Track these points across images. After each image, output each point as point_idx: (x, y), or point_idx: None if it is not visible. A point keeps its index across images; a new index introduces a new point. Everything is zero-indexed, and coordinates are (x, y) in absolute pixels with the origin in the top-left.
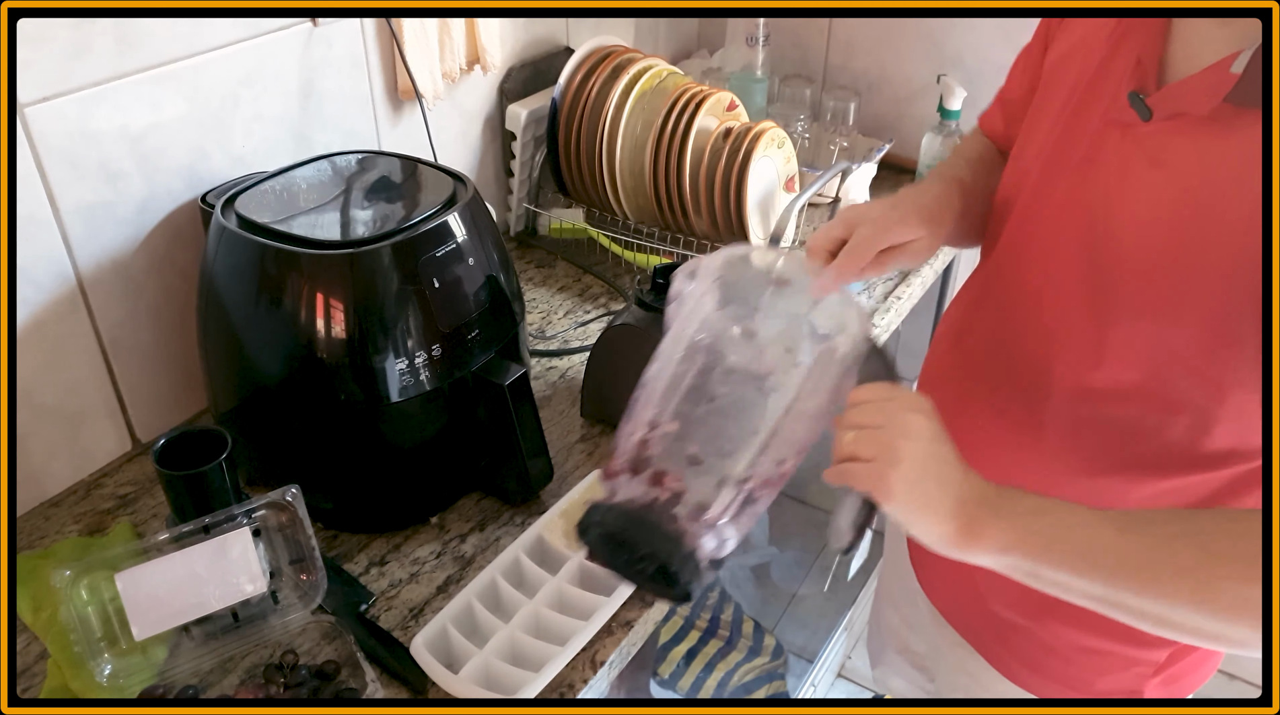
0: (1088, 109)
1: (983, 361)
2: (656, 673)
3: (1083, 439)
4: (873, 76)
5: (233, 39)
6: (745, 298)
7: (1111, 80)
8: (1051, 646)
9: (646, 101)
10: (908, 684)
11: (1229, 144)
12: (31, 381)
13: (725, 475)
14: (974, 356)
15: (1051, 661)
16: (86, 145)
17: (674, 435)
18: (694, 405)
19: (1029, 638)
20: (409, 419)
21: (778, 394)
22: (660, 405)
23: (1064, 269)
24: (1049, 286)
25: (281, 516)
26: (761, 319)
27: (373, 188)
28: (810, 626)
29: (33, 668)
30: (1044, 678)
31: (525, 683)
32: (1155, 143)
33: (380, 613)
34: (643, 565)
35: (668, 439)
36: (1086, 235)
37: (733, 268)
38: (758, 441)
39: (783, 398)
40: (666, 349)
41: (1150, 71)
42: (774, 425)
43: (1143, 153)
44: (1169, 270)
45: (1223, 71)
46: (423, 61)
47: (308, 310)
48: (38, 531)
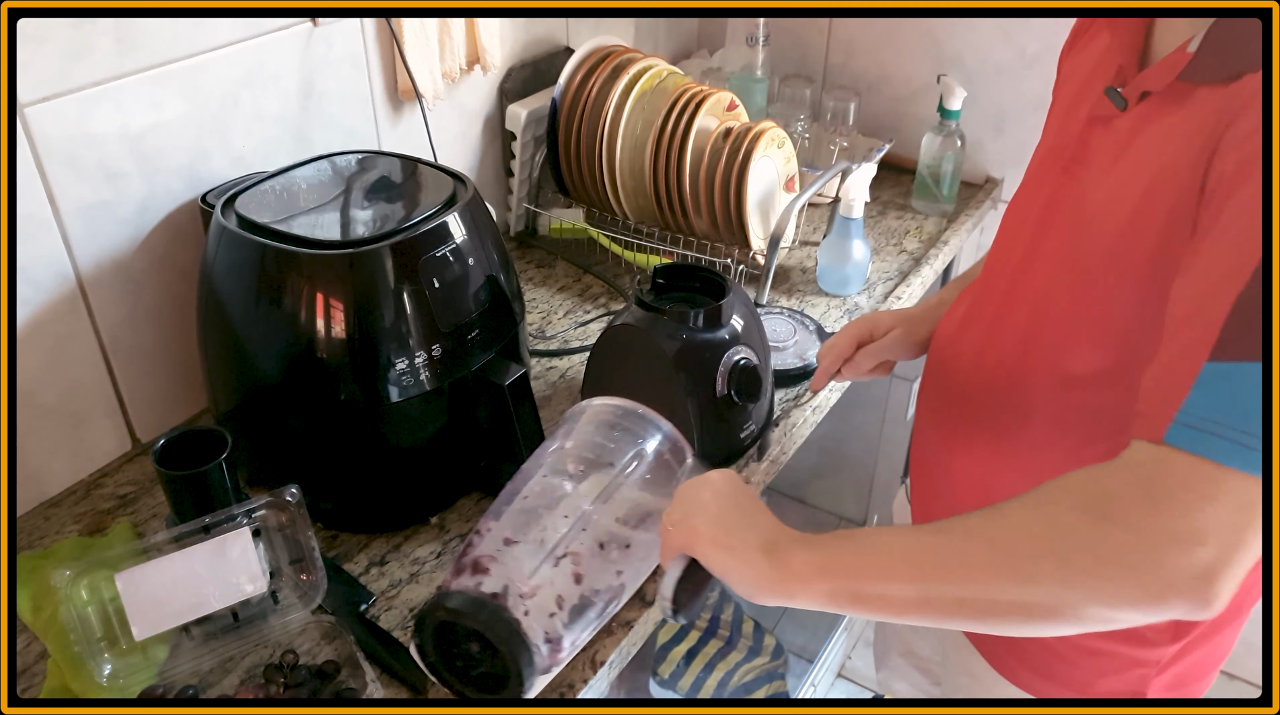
0: (1077, 110)
1: (973, 360)
2: (656, 673)
3: (1068, 426)
4: (873, 76)
5: (233, 39)
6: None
7: (1098, 83)
8: (1053, 649)
9: (646, 101)
10: (911, 687)
11: (1182, 116)
12: (31, 381)
13: (540, 548)
14: (968, 353)
15: (1054, 664)
16: (86, 145)
17: (492, 531)
18: (509, 504)
19: (1031, 640)
20: (409, 419)
21: (588, 482)
22: (484, 520)
23: (1048, 261)
24: (1034, 276)
25: (281, 516)
26: (583, 444)
27: (373, 188)
28: (810, 626)
29: (33, 668)
30: (1047, 680)
31: None
32: (1127, 130)
33: (380, 613)
34: (470, 661)
35: (487, 535)
36: (1070, 224)
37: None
38: (568, 522)
39: (593, 486)
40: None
41: (1130, 73)
42: (586, 508)
43: (1117, 142)
44: (1132, 246)
45: (1180, 52)
46: (423, 61)
47: (308, 310)
48: (38, 531)
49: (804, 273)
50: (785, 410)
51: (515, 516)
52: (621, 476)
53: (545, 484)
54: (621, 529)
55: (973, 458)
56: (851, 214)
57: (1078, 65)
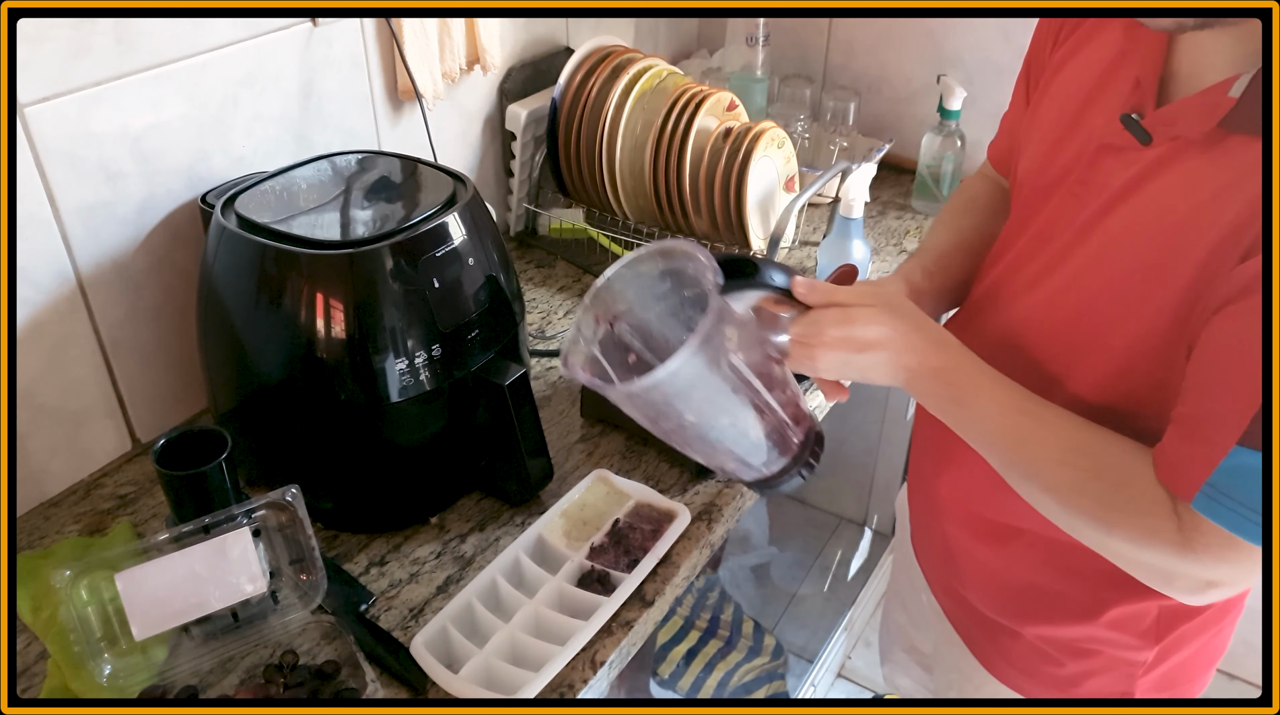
0: (1081, 128)
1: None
2: (656, 673)
3: None
4: (873, 76)
5: (233, 39)
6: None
7: (1107, 101)
8: (1039, 649)
9: (646, 101)
10: (914, 683)
11: (1217, 165)
12: (31, 381)
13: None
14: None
15: (1040, 663)
16: (86, 145)
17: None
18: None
19: (1016, 640)
20: (409, 419)
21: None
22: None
23: (1051, 285)
24: (1037, 294)
25: (281, 516)
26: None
27: (373, 188)
28: (810, 626)
29: (33, 668)
30: (1032, 679)
31: (525, 683)
32: (1146, 163)
33: (380, 613)
34: None
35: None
36: (1076, 250)
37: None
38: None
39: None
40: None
41: (1148, 92)
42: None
43: (1134, 173)
44: (1152, 288)
45: (1220, 94)
46: (423, 61)
47: (308, 310)
48: (38, 531)
49: (804, 273)
50: None
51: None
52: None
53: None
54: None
55: (971, 459)
56: (851, 214)
57: (1081, 66)
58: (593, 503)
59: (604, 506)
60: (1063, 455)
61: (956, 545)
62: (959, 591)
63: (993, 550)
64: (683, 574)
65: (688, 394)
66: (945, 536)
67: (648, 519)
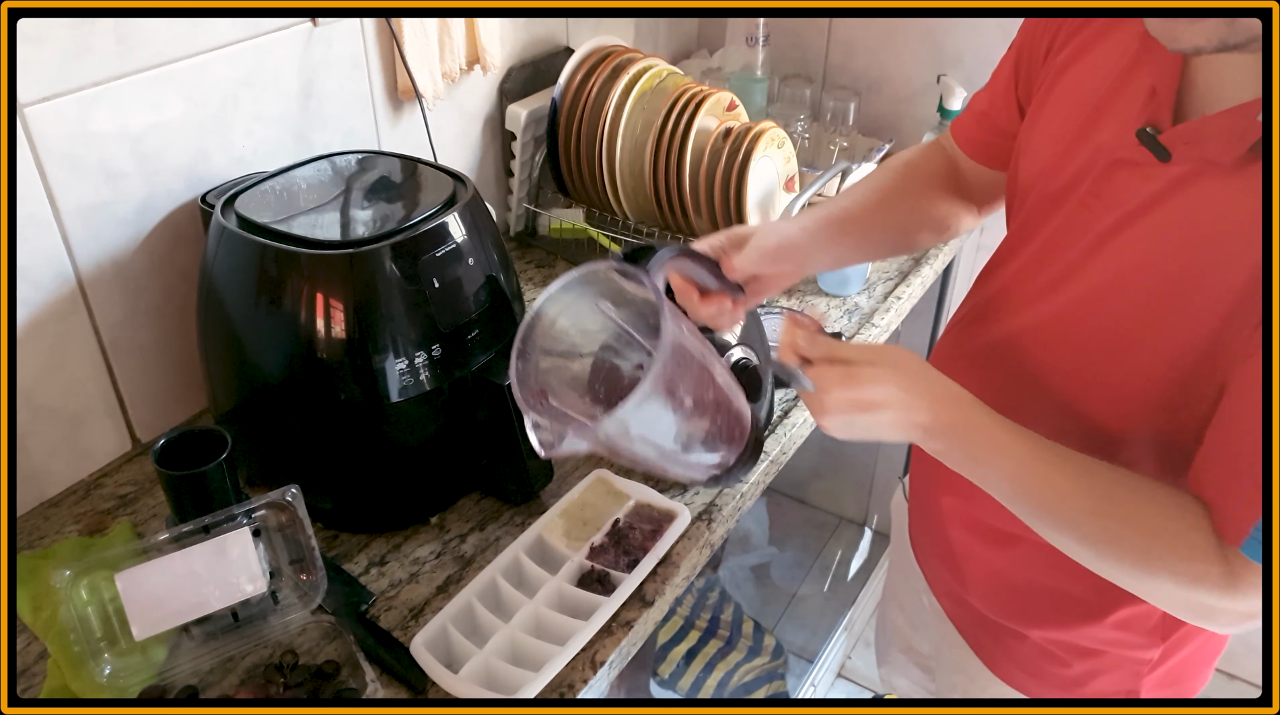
0: (1092, 137)
1: (978, 376)
2: (656, 673)
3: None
4: (873, 76)
5: (233, 39)
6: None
7: (1121, 109)
8: (1046, 649)
9: (646, 101)
10: (911, 684)
11: (1241, 187)
12: (31, 381)
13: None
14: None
15: (1046, 664)
16: (86, 145)
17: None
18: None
19: (1022, 642)
20: (409, 419)
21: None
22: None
23: (1058, 300)
24: (1041, 308)
25: (281, 516)
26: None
27: (373, 188)
28: (810, 626)
29: (33, 668)
30: (1038, 680)
31: (525, 683)
32: (1166, 180)
33: (380, 613)
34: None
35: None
36: (1090, 265)
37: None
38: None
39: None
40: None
41: (1165, 104)
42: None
43: (1153, 190)
44: (1163, 311)
45: (1250, 119)
46: (423, 61)
47: (308, 310)
48: (38, 531)
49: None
50: (785, 410)
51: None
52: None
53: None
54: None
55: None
56: None
57: (1090, 69)
58: (593, 503)
59: (604, 506)
60: (1094, 505)
61: (960, 550)
62: (962, 595)
63: (997, 555)
64: (683, 574)
65: (650, 430)
66: (948, 541)
67: (648, 519)
